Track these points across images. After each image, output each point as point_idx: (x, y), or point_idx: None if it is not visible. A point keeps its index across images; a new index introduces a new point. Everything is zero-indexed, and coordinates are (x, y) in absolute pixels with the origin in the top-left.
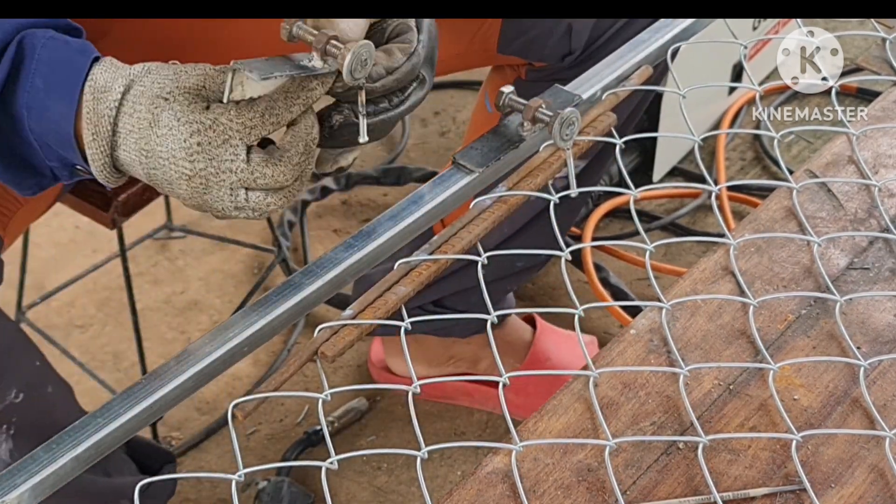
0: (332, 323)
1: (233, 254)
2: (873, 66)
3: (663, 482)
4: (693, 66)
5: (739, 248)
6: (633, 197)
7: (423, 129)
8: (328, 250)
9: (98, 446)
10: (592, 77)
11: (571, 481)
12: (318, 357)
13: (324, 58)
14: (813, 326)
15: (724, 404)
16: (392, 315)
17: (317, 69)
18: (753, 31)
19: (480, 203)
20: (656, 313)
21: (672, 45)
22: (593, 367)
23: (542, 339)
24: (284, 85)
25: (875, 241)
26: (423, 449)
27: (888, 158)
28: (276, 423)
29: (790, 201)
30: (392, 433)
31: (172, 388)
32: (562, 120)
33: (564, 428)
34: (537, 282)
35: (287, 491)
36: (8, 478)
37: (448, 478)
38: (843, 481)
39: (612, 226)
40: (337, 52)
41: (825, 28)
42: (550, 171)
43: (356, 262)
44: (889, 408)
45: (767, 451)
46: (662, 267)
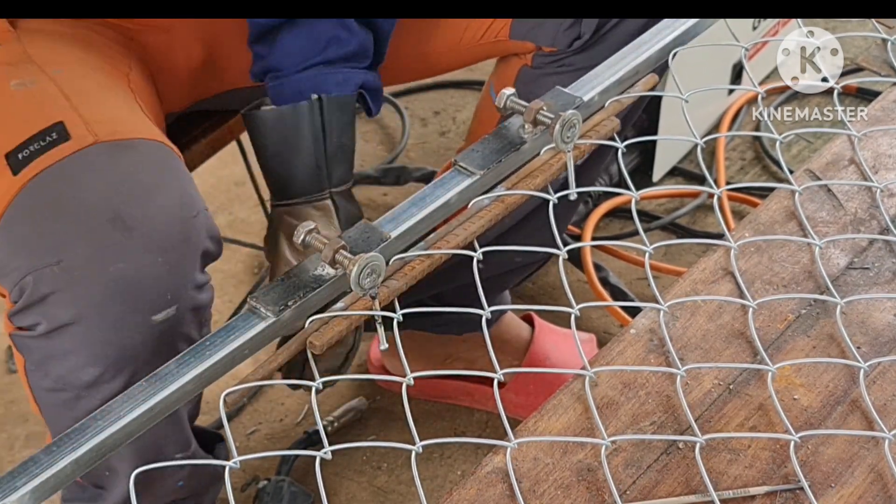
0: (323, 315)
1: (233, 254)
2: (873, 66)
3: (663, 482)
4: (693, 66)
5: (739, 248)
6: (634, 198)
7: (423, 129)
8: None
9: (98, 449)
10: (593, 79)
11: (571, 481)
12: (307, 346)
13: (333, 266)
14: (813, 326)
15: (724, 404)
16: (384, 308)
17: (327, 277)
18: (753, 31)
19: (479, 202)
20: (656, 313)
21: (673, 47)
22: (592, 366)
23: (540, 339)
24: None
25: (875, 241)
26: (417, 443)
27: (888, 158)
28: (275, 422)
29: (790, 201)
30: (392, 433)
31: (173, 391)
32: (563, 122)
33: (564, 427)
34: (537, 281)
35: (287, 491)
36: (8, 480)
37: (448, 477)
38: (842, 481)
39: (612, 225)
40: (346, 262)
41: (825, 28)
42: (550, 172)
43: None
44: (888, 408)
45: (767, 450)
46: (662, 267)
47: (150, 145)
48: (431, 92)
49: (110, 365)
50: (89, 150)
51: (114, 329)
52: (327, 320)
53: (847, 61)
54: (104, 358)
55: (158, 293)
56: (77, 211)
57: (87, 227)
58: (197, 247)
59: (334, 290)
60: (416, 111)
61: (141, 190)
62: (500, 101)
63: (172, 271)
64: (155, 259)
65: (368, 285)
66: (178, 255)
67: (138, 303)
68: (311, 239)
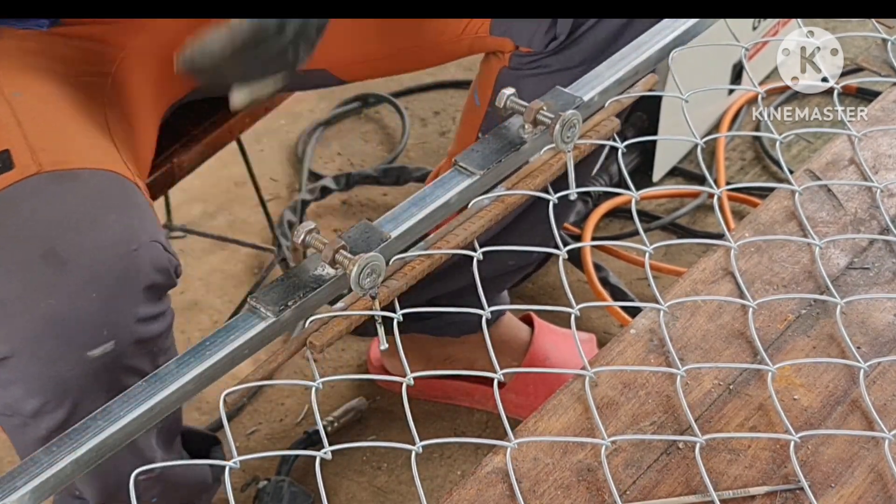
0: (323, 315)
1: (233, 254)
2: (873, 66)
3: (663, 482)
4: (693, 66)
5: (739, 248)
6: (634, 198)
7: (423, 129)
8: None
9: (98, 449)
10: (593, 79)
11: (571, 481)
12: (308, 347)
13: (333, 266)
14: (813, 326)
15: (724, 404)
16: (384, 308)
17: (327, 277)
18: (753, 31)
19: (478, 202)
20: (656, 313)
21: (673, 47)
22: (592, 366)
23: (540, 339)
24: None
25: (875, 241)
26: (417, 443)
27: (888, 158)
28: (275, 422)
29: (790, 201)
30: (392, 433)
31: (173, 391)
32: (563, 122)
33: (564, 428)
34: (537, 281)
35: (287, 491)
36: (8, 480)
37: (448, 477)
38: (842, 481)
39: (612, 225)
40: (346, 262)
41: (825, 28)
42: (550, 172)
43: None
44: (888, 408)
45: (767, 450)
46: (662, 267)
47: (96, 175)
48: (431, 92)
49: (49, 397)
50: (30, 181)
51: (48, 364)
52: (327, 320)
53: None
54: (42, 391)
55: (94, 329)
56: (9, 245)
57: (18, 261)
58: (137, 281)
59: (334, 290)
60: (416, 111)
61: (77, 223)
62: (500, 101)
63: (108, 307)
64: (89, 295)
65: (368, 285)
66: (115, 290)
67: (72, 339)
68: (311, 239)
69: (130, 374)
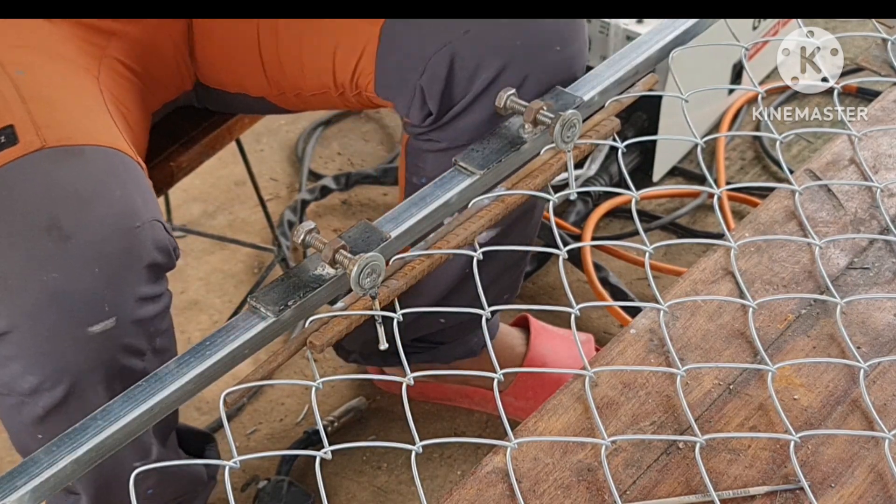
0: (323, 315)
1: (233, 253)
2: (873, 66)
3: (663, 482)
4: (693, 66)
5: (739, 248)
6: (634, 198)
7: None
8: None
9: (98, 448)
10: (593, 79)
11: (571, 481)
12: (308, 346)
13: (333, 265)
14: (813, 326)
15: (725, 404)
16: (384, 308)
17: (327, 277)
18: (753, 31)
19: (479, 202)
20: (656, 313)
21: (673, 47)
22: (592, 366)
23: (537, 345)
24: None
25: (875, 241)
26: (417, 443)
27: (888, 158)
28: (275, 422)
29: (790, 201)
30: (392, 433)
31: (173, 391)
32: (563, 122)
33: (564, 428)
34: (537, 281)
35: (287, 491)
36: (8, 480)
37: (448, 477)
38: (842, 481)
39: (612, 225)
40: (346, 262)
41: (825, 28)
42: (550, 172)
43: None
44: (888, 408)
45: (767, 450)
46: (662, 266)
47: (100, 152)
48: None
49: (48, 374)
50: (33, 156)
51: (48, 339)
52: (327, 320)
53: (847, 61)
54: (41, 367)
55: (95, 304)
56: (13, 218)
57: (22, 235)
58: (140, 258)
59: (334, 289)
60: None
61: (81, 198)
62: (500, 100)
63: (110, 282)
64: (92, 269)
65: (368, 285)
66: (117, 267)
67: (73, 314)
68: (311, 239)
69: (128, 353)
